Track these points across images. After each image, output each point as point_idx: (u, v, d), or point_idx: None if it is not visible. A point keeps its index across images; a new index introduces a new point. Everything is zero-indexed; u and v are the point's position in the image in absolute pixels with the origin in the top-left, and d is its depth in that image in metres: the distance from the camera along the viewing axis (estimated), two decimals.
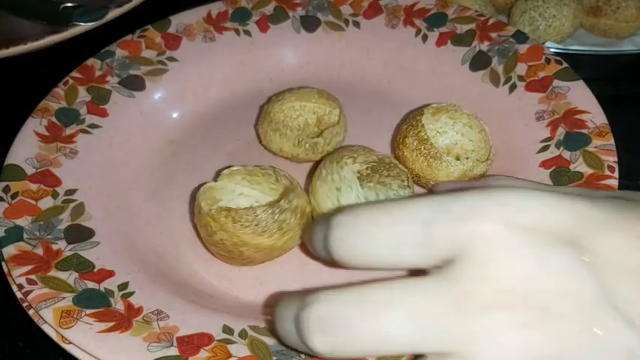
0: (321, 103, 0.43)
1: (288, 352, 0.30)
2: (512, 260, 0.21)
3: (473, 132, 0.40)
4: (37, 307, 0.32)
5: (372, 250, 0.23)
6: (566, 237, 0.22)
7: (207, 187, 0.37)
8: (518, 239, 0.21)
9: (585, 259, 0.21)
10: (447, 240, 0.22)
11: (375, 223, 0.23)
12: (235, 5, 0.51)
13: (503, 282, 0.21)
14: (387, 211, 0.23)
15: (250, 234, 0.34)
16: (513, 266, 0.21)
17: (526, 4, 0.52)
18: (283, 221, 0.35)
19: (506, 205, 0.22)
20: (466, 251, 0.21)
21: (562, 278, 0.21)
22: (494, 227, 0.21)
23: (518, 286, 0.21)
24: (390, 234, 0.23)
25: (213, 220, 0.35)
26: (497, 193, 0.22)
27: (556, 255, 0.21)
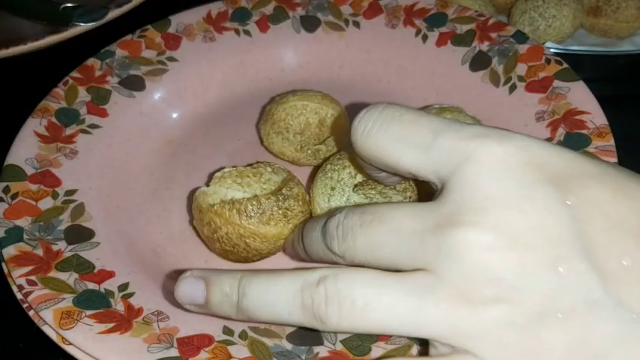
0: (324, 104, 0.43)
1: (289, 353, 0.30)
2: (495, 190, 0.22)
3: None
4: (37, 308, 0.32)
5: (384, 141, 0.26)
6: (555, 179, 0.22)
7: (201, 192, 0.37)
8: (508, 172, 0.22)
9: (569, 202, 0.22)
10: (447, 152, 0.24)
11: (398, 119, 0.25)
12: (235, 5, 0.51)
13: (481, 206, 0.22)
14: (411, 113, 0.25)
15: (257, 224, 0.34)
16: (494, 195, 0.22)
17: (526, 4, 0.52)
18: (287, 208, 0.35)
19: (509, 140, 0.23)
20: (458, 171, 0.23)
21: (539, 213, 0.22)
22: (490, 155, 0.23)
23: (495, 212, 0.22)
24: (404, 129, 0.25)
25: (217, 215, 0.35)
26: (506, 132, 0.24)
27: (540, 192, 0.22)
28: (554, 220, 0.22)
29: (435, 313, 0.23)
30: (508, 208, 0.22)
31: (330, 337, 0.31)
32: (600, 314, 0.21)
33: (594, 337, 0.21)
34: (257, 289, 0.26)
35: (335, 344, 0.30)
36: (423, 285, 0.23)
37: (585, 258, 0.21)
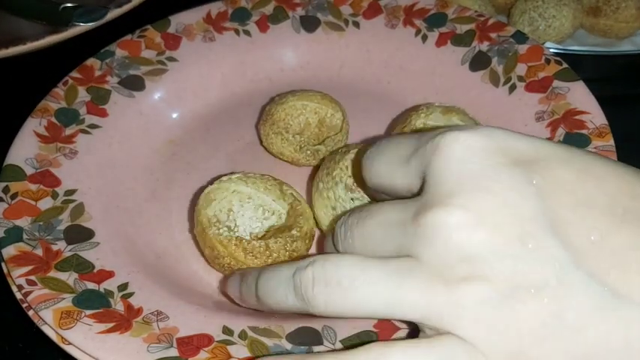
0: (324, 104, 0.43)
1: (288, 352, 0.30)
2: (462, 174, 0.23)
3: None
4: (37, 308, 0.32)
5: (380, 167, 0.28)
6: (521, 162, 0.23)
7: (205, 194, 0.37)
8: (474, 157, 0.23)
9: (534, 181, 0.23)
10: (423, 154, 0.25)
11: (391, 146, 0.28)
12: (235, 5, 0.51)
13: (450, 190, 0.23)
14: (402, 137, 0.27)
15: (261, 263, 0.34)
16: (462, 179, 0.23)
17: (526, 5, 0.52)
18: (295, 250, 0.35)
19: (475, 129, 0.24)
20: (430, 164, 0.24)
21: (505, 192, 0.23)
22: (456, 143, 0.24)
23: (463, 194, 0.23)
24: (392, 151, 0.27)
25: (222, 246, 0.34)
26: (476, 126, 0.25)
27: (506, 173, 0.23)
28: (521, 199, 0.22)
29: (414, 293, 0.23)
30: (475, 189, 0.23)
31: (329, 337, 0.31)
32: (573, 288, 0.21)
33: (568, 311, 0.21)
34: (265, 279, 0.29)
35: (334, 344, 0.30)
36: (404, 267, 0.24)
37: (553, 234, 0.22)
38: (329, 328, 0.31)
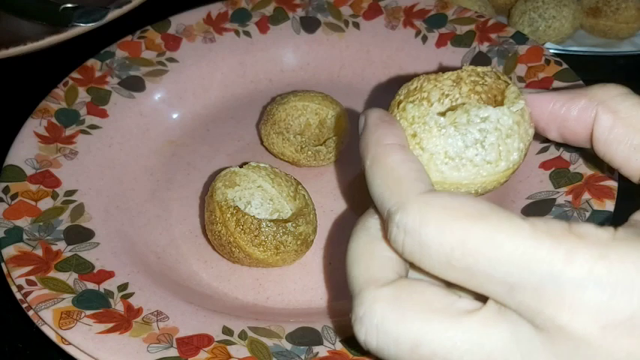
0: (325, 105, 0.43)
1: (288, 353, 0.30)
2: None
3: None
4: (37, 308, 0.32)
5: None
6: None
7: (230, 171, 0.38)
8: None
9: None
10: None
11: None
12: (235, 6, 0.51)
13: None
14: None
15: (247, 241, 0.35)
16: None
17: (526, 5, 0.52)
18: (282, 243, 0.35)
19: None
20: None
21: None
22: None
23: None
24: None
25: (220, 210, 0.35)
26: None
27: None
28: None
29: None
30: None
31: (329, 337, 0.31)
32: None
33: None
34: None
35: (334, 344, 0.30)
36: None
37: None
38: (329, 328, 0.31)
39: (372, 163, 0.24)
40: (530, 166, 0.38)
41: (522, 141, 0.25)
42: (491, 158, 0.25)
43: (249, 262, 0.36)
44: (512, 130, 0.25)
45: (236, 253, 0.35)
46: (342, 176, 0.43)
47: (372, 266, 0.24)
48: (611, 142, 0.25)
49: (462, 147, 0.25)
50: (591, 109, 0.26)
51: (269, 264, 0.36)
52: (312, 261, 0.38)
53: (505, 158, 0.25)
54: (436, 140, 0.25)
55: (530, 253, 0.20)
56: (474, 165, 0.25)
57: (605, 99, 0.26)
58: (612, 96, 0.26)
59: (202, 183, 0.43)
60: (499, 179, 0.25)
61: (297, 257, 0.37)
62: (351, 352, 0.30)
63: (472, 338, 0.21)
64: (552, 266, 0.19)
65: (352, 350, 0.30)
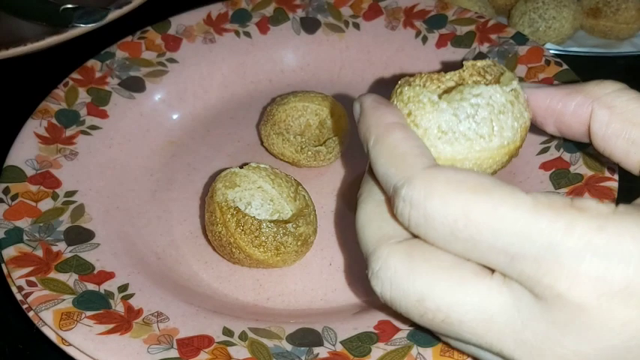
0: (325, 106, 0.43)
1: (288, 354, 0.30)
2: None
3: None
4: (37, 309, 0.32)
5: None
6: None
7: (230, 172, 0.38)
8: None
9: None
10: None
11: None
12: (235, 7, 0.51)
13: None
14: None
15: (247, 242, 0.35)
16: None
17: (526, 6, 0.53)
18: (283, 243, 0.35)
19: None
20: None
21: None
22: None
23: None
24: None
25: (221, 211, 0.35)
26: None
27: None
28: None
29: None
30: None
31: (330, 338, 0.31)
32: None
33: None
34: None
35: (335, 345, 0.30)
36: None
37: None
38: (329, 329, 0.31)
39: (376, 143, 0.25)
40: (531, 166, 0.38)
41: (516, 120, 0.26)
42: (484, 132, 0.25)
43: (249, 263, 0.36)
44: (505, 108, 0.25)
45: (236, 253, 0.35)
46: (343, 177, 0.43)
47: (384, 226, 0.25)
48: (610, 137, 0.26)
49: (454, 121, 0.25)
50: (587, 105, 0.26)
51: (269, 265, 0.36)
52: (313, 262, 0.38)
53: (498, 134, 0.25)
54: (429, 116, 0.26)
55: (530, 225, 0.20)
56: (467, 139, 0.25)
57: (601, 95, 0.26)
58: (608, 92, 0.26)
59: (202, 184, 0.43)
60: (494, 156, 0.26)
61: (297, 258, 0.37)
62: (351, 353, 0.30)
63: (476, 301, 0.22)
64: (552, 237, 0.20)
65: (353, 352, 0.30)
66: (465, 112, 0.25)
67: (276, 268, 0.37)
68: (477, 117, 0.25)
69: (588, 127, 0.27)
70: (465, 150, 0.26)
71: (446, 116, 0.25)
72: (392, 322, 0.31)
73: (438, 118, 0.25)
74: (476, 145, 0.25)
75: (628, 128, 0.25)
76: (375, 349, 0.30)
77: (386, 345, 0.30)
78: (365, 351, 0.30)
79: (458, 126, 0.25)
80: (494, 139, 0.25)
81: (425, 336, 0.30)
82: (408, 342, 0.30)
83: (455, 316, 0.22)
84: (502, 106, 0.25)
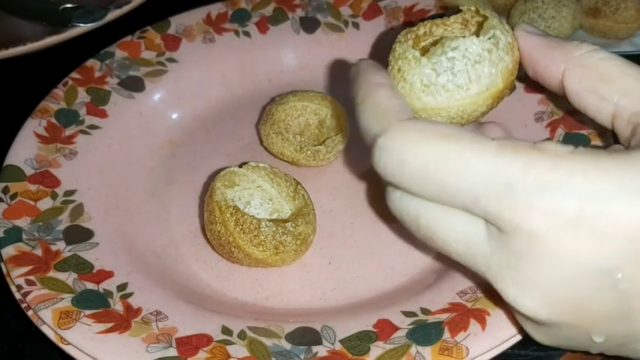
0: (324, 105, 0.43)
1: (287, 352, 0.30)
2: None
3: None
4: (36, 308, 0.32)
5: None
6: None
7: (229, 171, 0.38)
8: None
9: None
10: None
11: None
12: (235, 6, 0.51)
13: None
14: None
15: (246, 241, 0.35)
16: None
17: (525, 6, 0.53)
18: (282, 242, 0.35)
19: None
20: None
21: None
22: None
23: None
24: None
25: (220, 210, 0.35)
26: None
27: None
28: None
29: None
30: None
31: (329, 337, 0.31)
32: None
33: None
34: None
35: (334, 344, 0.30)
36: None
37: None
38: (328, 328, 0.31)
39: (362, 100, 0.28)
40: None
41: (494, 66, 0.28)
42: (462, 82, 0.28)
43: (248, 262, 0.36)
44: (481, 57, 0.28)
45: (235, 253, 0.35)
46: (342, 176, 0.43)
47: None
48: (582, 93, 0.27)
49: (434, 75, 0.28)
50: (560, 62, 0.28)
51: (268, 264, 0.36)
52: (312, 261, 0.38)
53: (475, 82, 0.28)
54: (413, 71, 0.28)
55: (492, 166, 0.23)
56: (446, 90, 0.28)
57: (575, 54, 0.28)
58: (583, 52, 0.28)
59: (202, 183, 0.43)
60: (476, 102, 0.29)
61: (296, 257, 0.37)
62: (350, 352, 0.30)
63: (457, 225, 0.25)
64: (510, 176, 0.22)
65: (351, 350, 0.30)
66: (442, 65, 0.28)
67: (275, 267, 0.37)
68: (455, 69, 0.28)
69: (560, 82, 0.28)
70: (446, 100, 0.28)
71: (426, 70, 0.28)
72: (391, 321, 0.31)
73: (420, 73, 0.28)
74: (456, 95, 0.28)
75: (598, 84, 0.27)
76: (373, 348, 0.30)
77: (385, 344, 0.30)
78: (364, 350, 0.30)
79: (437, 79, 0.28)
80: (471, 87, 0.28)
81: (424, 335, 0.30)
82: (406, 341, 0.30)
83: (439, 235, 0.26)
84: (478, 55, 0.28)
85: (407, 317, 0.31)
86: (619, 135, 0.27)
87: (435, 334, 0.30)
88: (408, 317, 0.31)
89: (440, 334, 0.30)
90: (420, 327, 0.31)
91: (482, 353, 0.29)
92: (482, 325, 0.30)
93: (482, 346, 0.29)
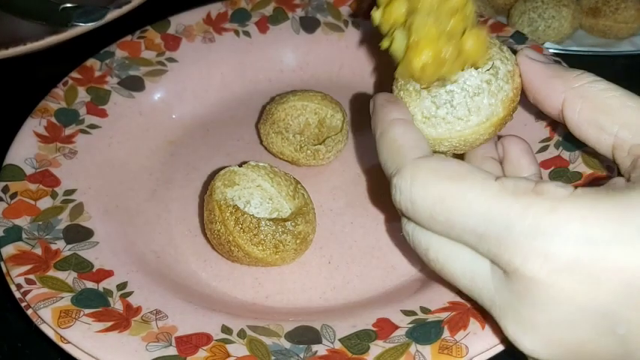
0: (324, 105, 0.43)
1: (287, 351, 0.30)
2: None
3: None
4: (36, 307, 0.32)
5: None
6: None
7: (229, 170, 0.38)
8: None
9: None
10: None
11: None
12: (235, 6, 0.51)
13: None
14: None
15: (246, 240, 0.35)
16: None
17: (525, 5, 0.53)
18: (281, 242, 0.35)
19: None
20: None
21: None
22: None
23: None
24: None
25: (219, 209, 0.35)
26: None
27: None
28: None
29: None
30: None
31: (328, 336, 0.31)
32: None
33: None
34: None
35: (333, 342, 0.30)
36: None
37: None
38: (328, 327, 0.31)
39: (380, 137, 0.29)
40: None
41: (493, 97, 0.29)
42: (461, 114, 0.29)
43: (248, 261, 0.36)
44: (480, 89, 0.28)
45: (235, 252, 0.35)
46: (342, 175, 0.43)
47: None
48: (582, 124, 0.28)
49: (433, 107, 0.29)
50: (561, 93, 0.28)
51: (268, 263, 0.36)
52: (312, 260, 0.38)
53: (475, 113, 0.29)
54: (414, 103, 0.29)
55: (493, 208, 0.23)
56: (446, 122, 0.29)
57: (576, 85, 0.28)
58: (583, 83, 0.28)
59: (202, 182, 0.43)
60: (476, 132, 0.29)
61: (296, 256, 0.37)
62: (350, 350, 0.30)
63: (464, 261, 0.26)
64: (509, 219, 0.23)
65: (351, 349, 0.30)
66: (441, 98, 0.29)
67: (275, 266, 0.37)
68: (454, 102, 0.29)
69: (560, 112, 0.29)
70: (447, 132, 0.29)
71: (427, 103, 0.29)
72: (390, 320, 0.31)
73: (420, 106, 0.29)
74: (456, 126, 0.29)
75: (598, 116, 0.27)
76: (373, 347, 0.30)
77: (384, 342, 0.30)
78: (363, 348, 0.30)
79: (437, 111, 0.29)
80: (471, 118, 0.29)
81: (424, 333, 0.30)
82: (406, 339, 0.30)
83: (447, 269, 0.27)
84: (477, 88, 0.28)
85: (406, 316, 0.31)
86: (620, 166, 0.27)
87: (435, 333, 0.30)
88: (408, 316, 0.31)
89: (439, 332, 0.30)
90: (419, 326, 0.31)
91: (482, 352, 0.29)
92: (482, 323, 0.30)
93: (481, 344, 0.29)
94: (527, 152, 0.33)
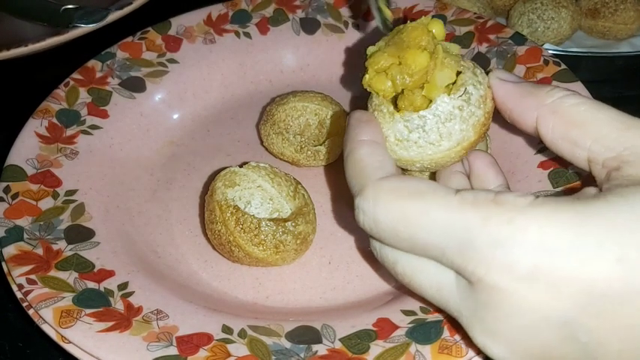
0: (324, 106, 0.43)
1: (287, 351, 0.30)
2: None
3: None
4: (37, 307, 0.32)
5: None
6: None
7: (230, 171, 0.38)
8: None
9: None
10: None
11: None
12: (235, 7, 0.51)
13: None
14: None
15: (247, 240, 0.35)
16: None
17: (525, 7, 0.53)
18: (282, 242, 0.35)
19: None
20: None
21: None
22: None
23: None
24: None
25: (220, 210, 0.35)
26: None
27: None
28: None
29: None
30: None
31: (328, 336, 0.31)
32: None
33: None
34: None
35: (334, 342, 0.31)
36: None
37: None
38: (328, 326, 0.32)
39: (347, 156, 0.29)
40: (530, 165, 0.39)
41: (465, 122, 0.29)
42: (433, 139, 0.29)
43: (248, 262, 0.36)
44: (452, 115, 0.29)
45: (236, 252, 0.35)
46: (342, 176, 0.43)
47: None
48: (556, 140, 0.28)
49: (406, 131, 0.29)
50: (533, 110, 0.28)
51: (268, 263, 0.36)
52: (312, 260, 0.38)
53: (447, 139, 0.29)
54: (388, 125, 0.30)
55: (454, 222, 0.24)
56: (418, 146, 0.29)
57: (547, 101, 0.28)
58: (554, 99, 0.28)
59: (202, 183, 0.43)
60: (448, 154, 0.30)
61: (296, 256, 0.37)
62: (350, 350, 0.30)
63: (429, 273, 0.26)
64: (470, 231, 0.23)
65: (351, 349, 0.30)
66: (414, 123, 0.29)
67: (275, 266, 0.37)
68: (426, 127, 0.29)
69: (535, 129, 0.28)
70: (418, 155, 0.30)
71: (399, 126, 0.29)
72: (390, 319, 0.32)
73: (393, 128, 0.29)
74: (427, 150, 0.29)
75: (570, 131, 0.27)
76: (373, 347, 0.30)
77: (384, 342, 0.30)
78: (363, 348, 0.30)
79: (409, 135, 0.29)
80: (443, 143, 0.29)
81: (423, 333, 0.30)
82: (406, 339, 0.30)
83: (415, 282, 0.27)
84: (449, 114, 0.29)
85: (406, 316, 0.32)
86: (596, 178, 0.27)
87: (435, 333, 0.30)
88: (408, 316, 0.32)
89: (439, 332, 0.30)
90: (419, 325, 0.31)
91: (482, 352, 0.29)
92: None
93: None
94: (492, 165, 0.33)
